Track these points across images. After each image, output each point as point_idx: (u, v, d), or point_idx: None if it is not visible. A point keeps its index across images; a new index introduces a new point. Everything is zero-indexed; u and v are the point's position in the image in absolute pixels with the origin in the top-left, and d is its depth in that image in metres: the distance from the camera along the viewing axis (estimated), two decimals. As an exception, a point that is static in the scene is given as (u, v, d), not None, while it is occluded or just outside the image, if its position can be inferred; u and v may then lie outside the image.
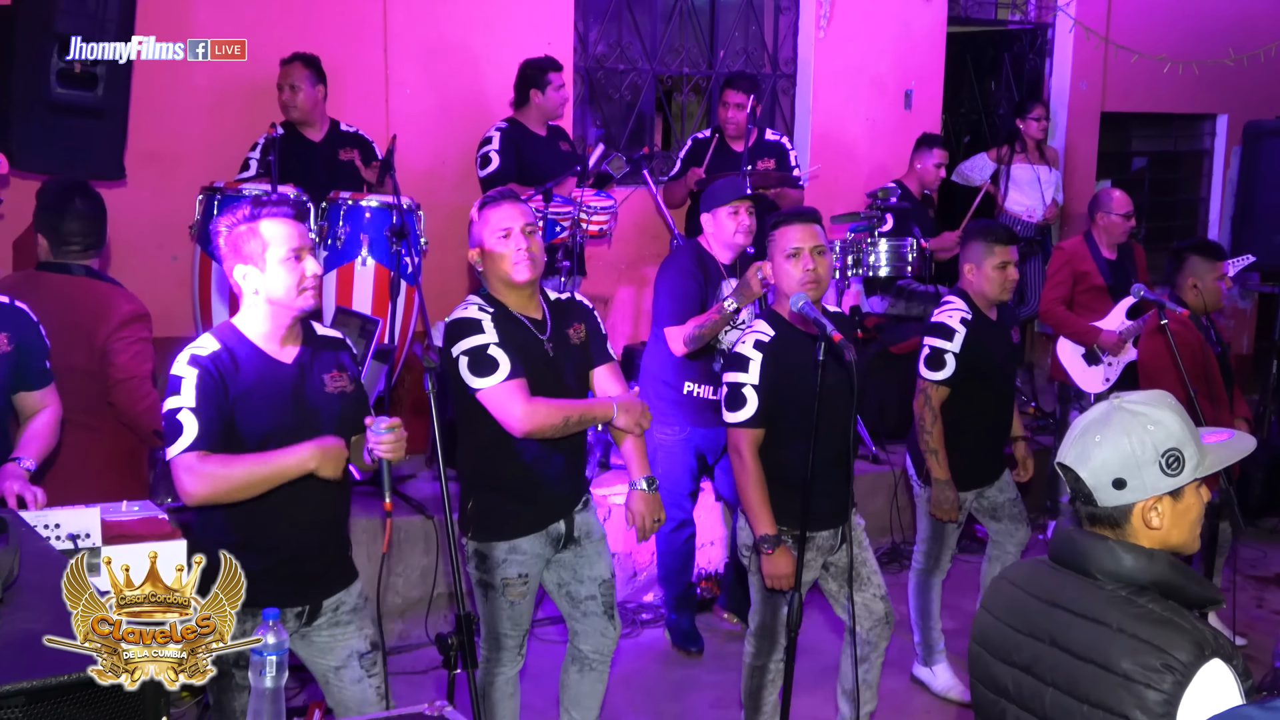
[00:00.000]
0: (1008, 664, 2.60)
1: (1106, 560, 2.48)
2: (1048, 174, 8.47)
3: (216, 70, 6.48)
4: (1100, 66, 9.62)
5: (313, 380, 3.49)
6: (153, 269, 6.01)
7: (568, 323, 4.10)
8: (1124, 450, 2.47)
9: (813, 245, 4.23)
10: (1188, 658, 2.32)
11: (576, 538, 4.12)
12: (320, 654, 3.62)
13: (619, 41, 7.99)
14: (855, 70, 8.66)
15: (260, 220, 3.37)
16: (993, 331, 5.06)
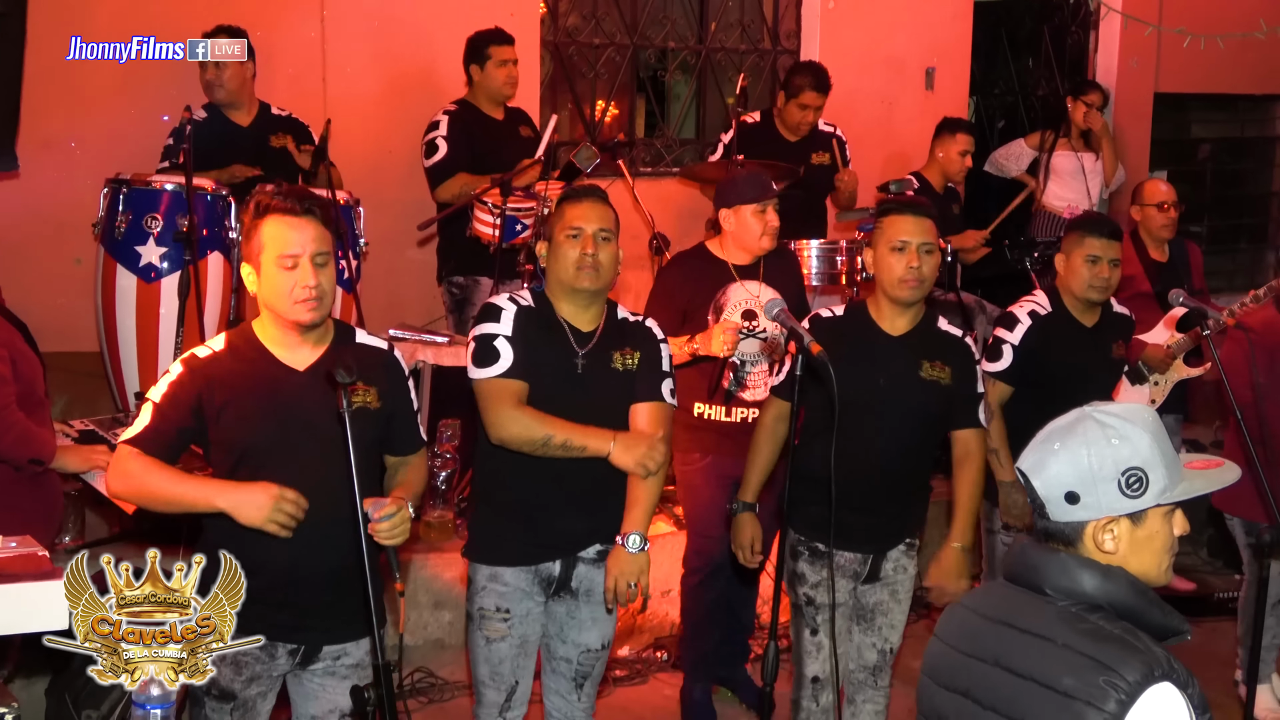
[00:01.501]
0: (949, 690, 2.68)
1: (1058, 575, 2.57)
2: (1093, 164, 8.50)
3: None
4: (1153, 42, 9.67)
5: (324, 394, 3.51)
6: (50, 273, 6.07)
7: (619, 344, 4.14)
8: (1081, 463, 2.56)
9: (921, 242, 4.34)
10: (1135, 678, 2.39)
11: (574, 590, 4.12)
12: (305, 699, 3.72)
13: (594, 12, 8.07)
14: (869, 46, 8.72)
15: (265, 217, 3.51)
16: (1080, 337, 5.14)
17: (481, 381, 3.98)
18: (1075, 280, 5.12)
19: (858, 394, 4.12)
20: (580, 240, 4.02)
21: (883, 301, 4.44)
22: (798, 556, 4.41)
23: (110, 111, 6.57)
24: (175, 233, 5.70)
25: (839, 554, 4.36)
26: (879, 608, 4.48)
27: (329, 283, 3.55)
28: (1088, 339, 5.17)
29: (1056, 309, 5.13)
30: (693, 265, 5.35)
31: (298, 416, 3.55)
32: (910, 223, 4.38)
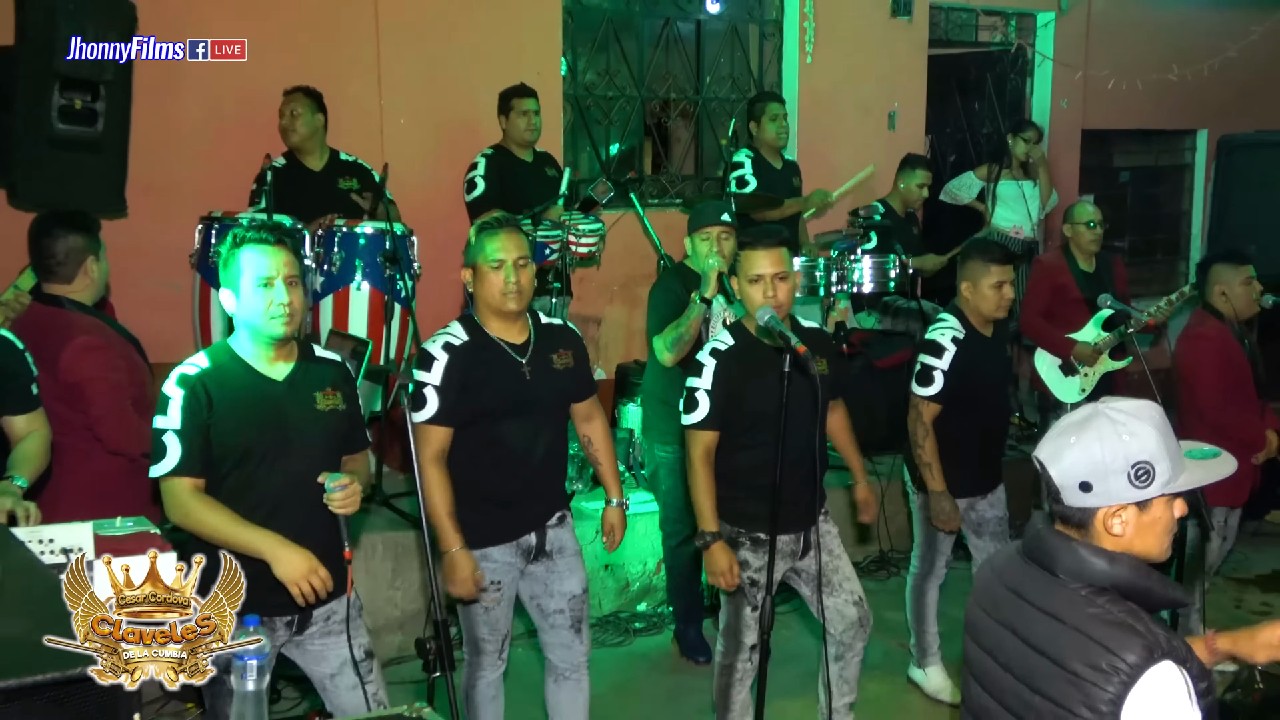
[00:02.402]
0: (976, 645, 2.65)
1: (1070, 560, 2.48)
2: (1032, 189, 8.51)
3: (214, 103, 6.59)
4: (1080, 85, 9.67)
5: (303, 397, 3.55)
6: (154, 297, 6.08)
7: (553, 347, 4.16)
8: (1094, 456, 2.45)
9: (774, 272, 4.22)
10: (1136, 660, 2.33)
11: (549, 551, 4.18)
12: (315, 662, 3.69)
13: (607, 69, 8.07)
14: (839, 93, 8.73)
15: (240, 246, 3.45)
16: (986, 348, 5.08)
17: (417, 424, 3.91)
18: (985, 304, 5.00)
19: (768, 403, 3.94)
20: (502, 269, 3.96)
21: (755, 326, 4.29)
22: (739, 546, 4.30)
23: (201, 159, 6.59)
24: (259, 261, 5.71)
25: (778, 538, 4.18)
26: (828, 568, 4.40)
27: (299, 301, 3.50)
28: (992, 349, 5.13)
29: (968, 329, 5.03)
30: (679, 279, 5.35)
31: (284, 419, 3.51)
32: (763, 256, 4.24)
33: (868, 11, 8.80)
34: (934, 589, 5.29)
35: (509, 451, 4.05)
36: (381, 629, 5.62)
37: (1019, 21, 9.76)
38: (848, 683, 4.55)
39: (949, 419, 4.98)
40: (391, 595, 5.70)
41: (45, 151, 5.36)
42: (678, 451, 5.45)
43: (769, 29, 8.62)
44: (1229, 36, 8.39)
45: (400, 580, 5.70)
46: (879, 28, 8.86)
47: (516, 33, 7.48)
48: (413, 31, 7.15)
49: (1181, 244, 11.09)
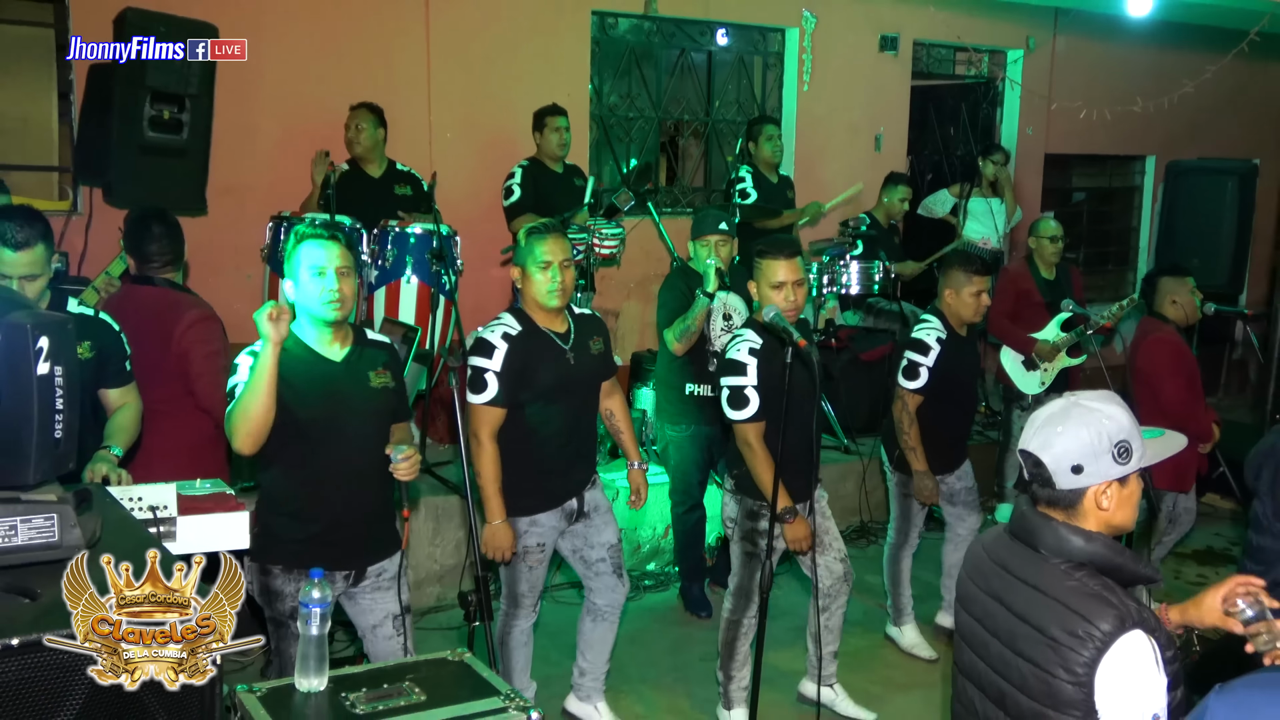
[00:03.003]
0: (967, 613, 2.66)
1: (1051, 539, 2.49)
2: (999, 206, 8.49)
3: (286, 115, 6.58)
4: (1044, 114, 9.64)
5: (358, 376, 3.55)
6: (230, 286, 6.07)
7: (589, 335, 4.18)
8: (1083, 440, 2.45)
9: (794, 279, 4.21)
10: (1109, 628, 2.33)
11: (586, 511, 4.22)
12: (362, 613, 3.69)
13: (629, 92, 8.04)
14: (832, 117, 8.69)
15: (300, 241, 3.46)
16: (962, 347, 5.10)
17: (475, 406, 3.94)
18: (964, 309, 5.03)
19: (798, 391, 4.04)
20: (549, 270, 3.96)
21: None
22: (758, 517, 4.29)
23: (272, 164, 6.58)
24: (322, 256, 5.70)
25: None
26: (820, 531, 4.42)
27: (349, 290, 3.46)
28: (967, 348, 5.15)
29: (949, 330, 5.04)
30: (685, 278, 5.35)
31: (342, 393, 3.51)
32: (784, 265, 4.20)
33: (859, 46, 8.76)
34: (908, 557, 5.30)
35: (557, 428, 4.06)
36: (423, 581, 5.63)
37: (992, 57, 9.71)
38: (832, 631, 4.57)
39: (928, 408, 5.00)
40: (432, 551, 5.70)
41: (137, 157, 5.35)
42: (685, 430, 5.45)
43: (771, 60, 8.58)
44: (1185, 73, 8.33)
45: (440, 539, 5.71)
46: (868, 61, 8.82)
47: (550, 59, 7.45)
48: (460, 57, 7.13)
49: (1130, 257, 11.05)
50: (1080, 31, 9.68)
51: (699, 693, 4.86)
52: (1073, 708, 2.36)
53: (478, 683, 2.65)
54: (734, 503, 4.36)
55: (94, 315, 3.87)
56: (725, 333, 5.26)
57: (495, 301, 7.06)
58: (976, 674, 2.61)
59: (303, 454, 3.48)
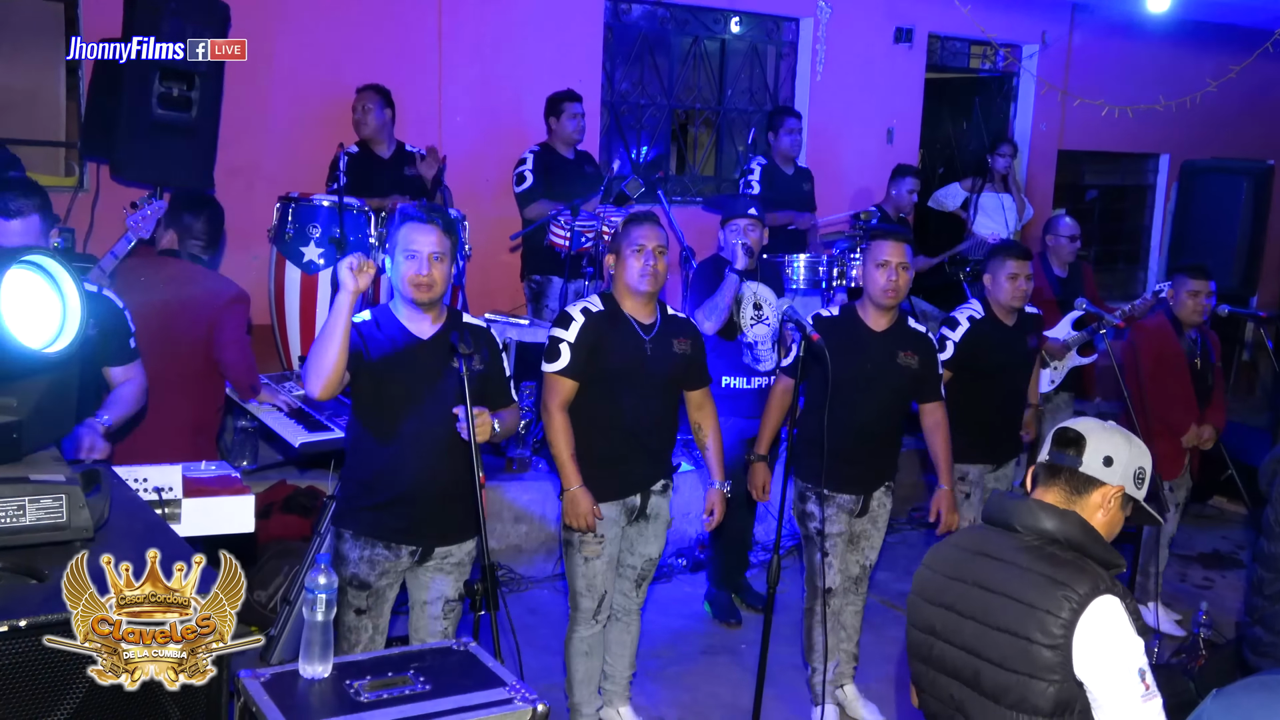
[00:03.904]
0: (935, 605, 2.68)
1: (1026, 516, 2.59)
2: (1010, 202, 8.45)
3: (294, 95, 6.56)
4: (1058, 111, 9.60)
5: (444, 355, 3.55)
6: (236, 266, 6.06)
7: (676, 334, 4.13)
8: (1122, 447, 2.61)
9: (899, 261, 4.25)
10: (1084, 590, 2.42)
11: (648, 515, 4.15)
12: (419, 588, 3.72)
13: (640, 80, 8.02)
14: (845, 109, 8.66)
15: (403, 222, 3.57)
16: (1004, 334, 5.05)
17: (547, 374, 3.95)
18: (1001, 292, 5.02)
19: (850, 374, 4.16)
20: (643, 254, 3.96)
21: (869, 305, 4.36)
22: (806, 500, 4.35)
23: (281, 145, 6.57)
24: (330, 238, 5.70)
25: (839, 495, 4.32)
26: (863, 534, 4.44)
27: (440, 274, 3.52)
28: (1010, 336, 5.10)
29: (988, 313, 5.05)
30: (715, 266, 5.33)
31: (422, 372, 3.56)
32: (890, 246, 4.29)
33: (873, 38, 8.72)
34: None
35: (625, 418, 4.01)
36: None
37: (1007, 51, 9.67)
38: (846, 629, 4.55)
39: (961, 392, 4.92)
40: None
41: (145, 134, 5.33)
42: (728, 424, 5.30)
43: (785, 49, 8.55)
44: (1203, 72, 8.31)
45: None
46: (883, 52, 8.79)
47: (562, 45, 7.42)
48: (471, 41, 7.10)
49: (1142, 255, 11.02)
50: (1096, 27, 9.64)
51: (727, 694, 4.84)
52: (1050, 672, 2.43)
53: (483, 673, 2.64)
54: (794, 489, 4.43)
55: (97, 292, 3.86)
56: (755, 322, 5.23)
57: (503, 287, 7.05)
58: (949, 662, 2.65)
59: (380, 424, 3.55)
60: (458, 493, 3.58)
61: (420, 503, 3.59)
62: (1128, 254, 10.96)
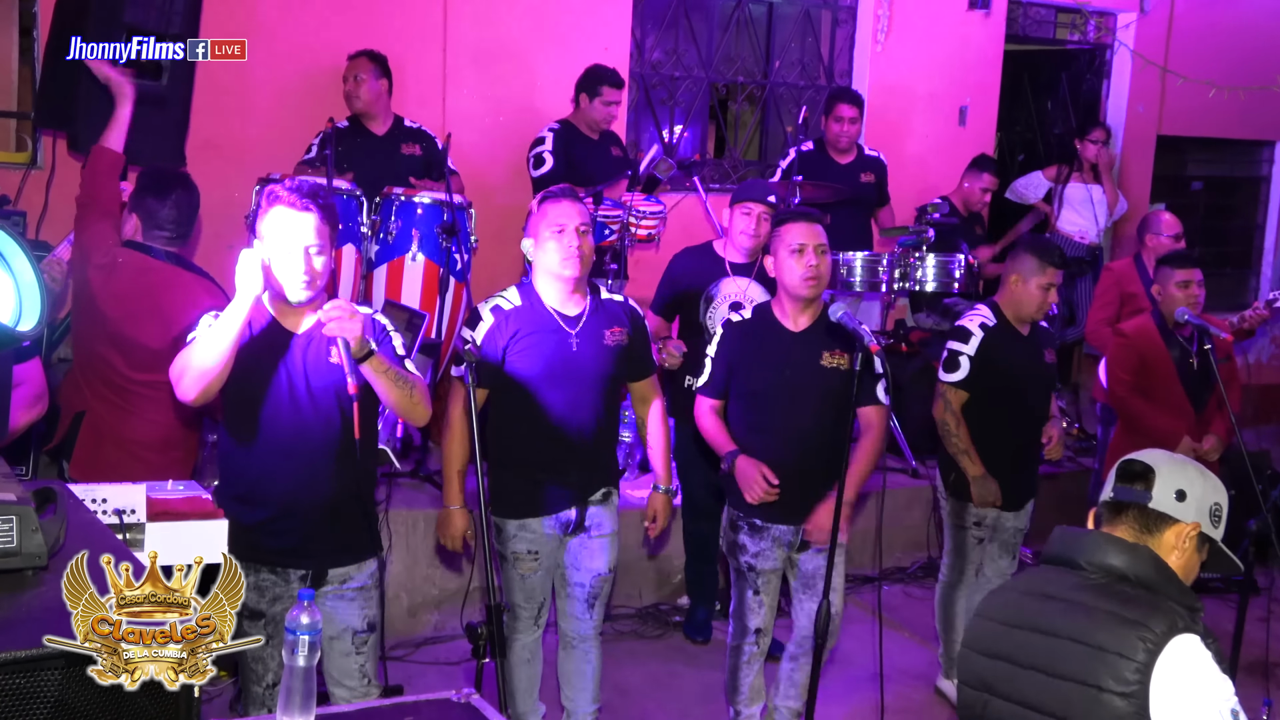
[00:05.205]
0: (990, 656, 2.68)
1: (1093, 551, 2.60)
2: (1101, 195, 8.42)
3: (279, 64, 6.60)
4: (1157, 90, 9.55)
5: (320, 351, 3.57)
6: (206, 256, 6.06)
7: (608, 323, 4.20)
8: (1196, 480, 2.65)
9: (816, 244, 4.31)
10: (1161, 629, 2.41)
11: (587, 528, 4.25)
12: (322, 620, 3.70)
13: (675, 49, 8.04)
14: (910, 85, 8.65)
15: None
16: (1019, 346, 5.05)
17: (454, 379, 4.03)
18: (1029, 301, 5.00)
19: (768, 385, 4.29)
20: (565, 234, 4.05)
21: (785, 300, 4.38)
22: (738, 530, 4.43)
23: (263, 119, 6.61)
24: (315, 225, 5.72)
25: (773, 526, 4.38)
26: (818, 573, 4.37)
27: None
28: (1024, 348, 5.09)
29: (1000, 321, 5.03)
30: (694, 258, 5.43)
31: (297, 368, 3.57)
32: (803, 228, 4.32)
33: (944, 3, 8.71)
34: (963, 598, 5.24)
35: (552, 423, 4.10)
36: (419, 607, 5.64)
37: (1099, 20, 9.63)
38: (795, 686, 4.60)
39: (976, 418, 4.96)
40: (430, 573, 5.71)
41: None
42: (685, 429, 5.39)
43: (842, 15, 8.55)
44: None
45: (440, 558, 5.71)
46: (955, 19, 8.77)
47: (586, 8, 7.45)
48: (481, 2, 7.13)
49: (1254, 258, 10.93)
50: (1204, -8, 9.59)
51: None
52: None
53: (487, 729, 2.65)
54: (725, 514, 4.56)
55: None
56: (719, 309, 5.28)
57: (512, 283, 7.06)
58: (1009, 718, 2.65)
59: (250, 429, 3.57)
60: (351, 507, 3.64)
61: (306, 520, 3.62)
62: (1236, 256, 10.88)
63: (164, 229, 4.39)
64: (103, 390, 4.32)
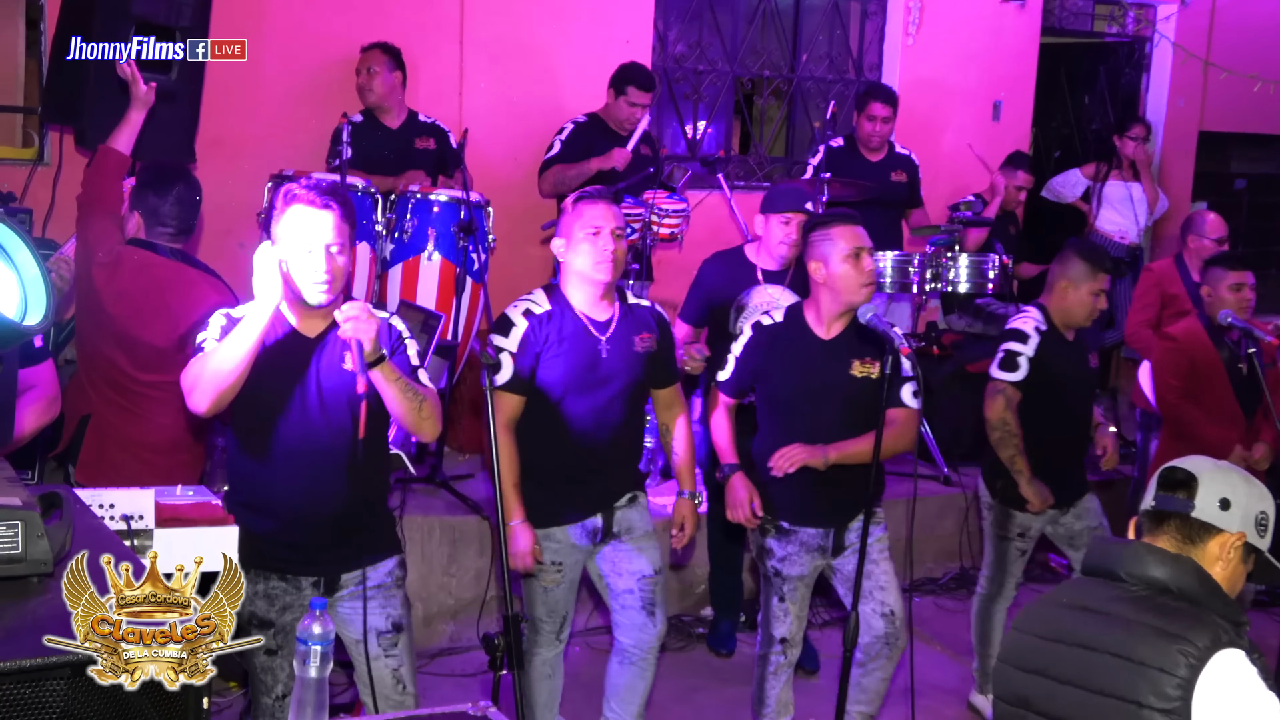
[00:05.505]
0: (1027, 671, 2.68)
1: (1132, 562, 2.59)
2: (1140, 193, 8.38)
3: (290, 57, 6.62)
4: (1199, 84, 9.51)
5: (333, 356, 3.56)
6: (217, 255, 6.09)
7: (636, 329, 4.20)
8: (1240, 487, 2.64)
9: (869, 247, 4.30)
10: (1204, 643, 2.40)
11: (616, 533, 4.24)
12: (343, 625, 3.73)
13: (699, 41, 8.04)
14: (942, 79, 8.63)
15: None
16: (1066, 351, 5.07)
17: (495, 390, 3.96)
18: (1080, 308, 5.03)
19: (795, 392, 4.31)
20: (600, 236, 4.03)
21: (825, 306, 4.32)
22: (765, 532, 4.42)
23: (275, 114, 6.63)
24: (328, 223, 5.74)
25: (801, 530, 4.37)
26: (866, 576, 4.32)
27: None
28: (1071, 353, 5.12)
29: (1050, 325, 5.05)
30: (725, 265, 5.40)
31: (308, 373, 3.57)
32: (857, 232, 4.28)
33: (978, -7, 8.70)
34: (1001, 611, 5.23)
35: (580, 429, 4.11)
36: (434, 616, 5.65)
37: (1139, 12, 9.59)
38: (865, 692, 4.51)
39: (1026, 416, 4.96)
40: (446, 582, 5.72)
41: (116, 97, 5.38)
42: None
43: (872, 6, 8.54)
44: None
45: (456, 567, 5.72)
46: (989, 11, 8.75)
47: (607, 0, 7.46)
48: (499, -8, 7.16)
49: (1300, 259, 10.87)
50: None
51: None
52: None
53: (506, 744, 2.65)
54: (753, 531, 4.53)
55: None
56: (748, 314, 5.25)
57: (532, 285, 7.03)
58: None
59: (259, 436, 3.57)
60: (364, 509, 3.65)
61: (315, 526, 3.62)
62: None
63: (167, 225, 4.40)
64: (108, 392, 4.34)
